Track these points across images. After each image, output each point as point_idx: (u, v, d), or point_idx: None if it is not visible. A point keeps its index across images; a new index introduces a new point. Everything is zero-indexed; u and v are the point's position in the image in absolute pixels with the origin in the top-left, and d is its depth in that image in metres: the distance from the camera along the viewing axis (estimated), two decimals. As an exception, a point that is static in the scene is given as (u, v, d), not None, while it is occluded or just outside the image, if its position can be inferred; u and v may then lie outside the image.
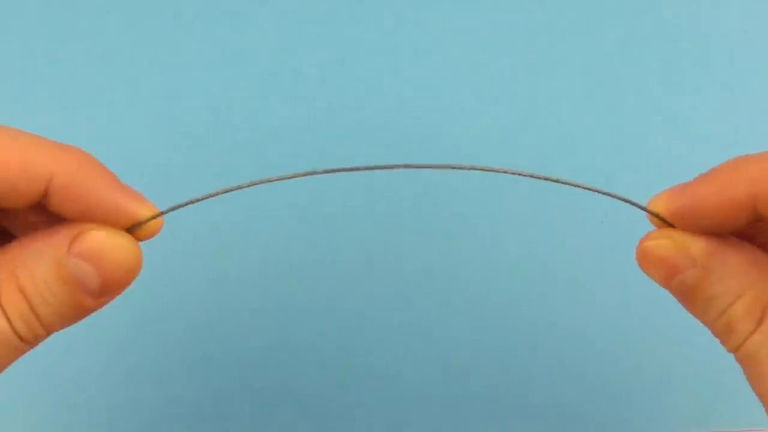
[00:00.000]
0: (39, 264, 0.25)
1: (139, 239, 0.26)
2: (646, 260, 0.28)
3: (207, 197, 0.27)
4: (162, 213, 0.27)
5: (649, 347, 0.44)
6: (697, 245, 0.27)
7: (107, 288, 0.25)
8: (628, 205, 0.29)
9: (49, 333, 0.25)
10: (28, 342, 0.25)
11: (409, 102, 0.47)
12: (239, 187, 0.27)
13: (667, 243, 0.28)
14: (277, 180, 0.27)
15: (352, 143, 0.45)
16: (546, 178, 0.27)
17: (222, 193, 0.27)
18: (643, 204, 0.29)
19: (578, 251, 0.45)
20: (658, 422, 0.43)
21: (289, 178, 0.26)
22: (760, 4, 0.47)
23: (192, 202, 0.27)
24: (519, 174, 0.27)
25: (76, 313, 0.25)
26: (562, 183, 0.27)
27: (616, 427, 0.43)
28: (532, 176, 0.27)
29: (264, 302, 0.44)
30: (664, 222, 0.28)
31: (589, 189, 0.27)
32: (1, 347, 0.24)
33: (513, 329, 0.44)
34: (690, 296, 0.27)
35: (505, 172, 0.27)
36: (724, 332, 0.26)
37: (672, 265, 0.27)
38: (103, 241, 0.25)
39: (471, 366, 0.44)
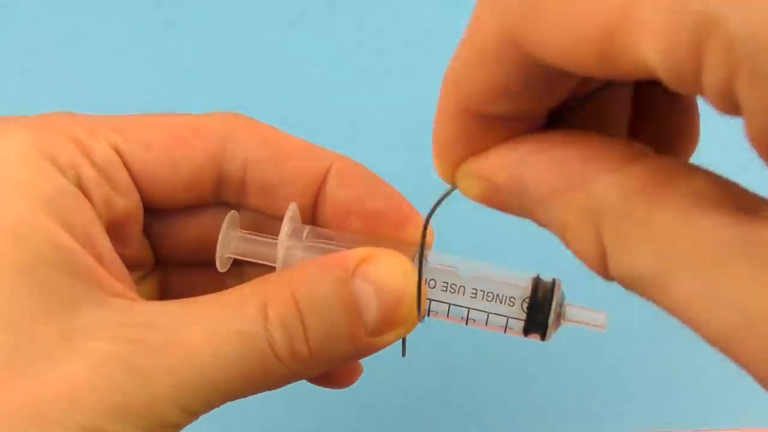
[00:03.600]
0: (321, 279, 0.22)
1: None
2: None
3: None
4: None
5: (650, 347, 0.44)
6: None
7: (383, 321, 0.23)
8: None
9: (312, 360, 0.22)
10: (283, 361, 0.21)
11: (407, 101, 0.47)
12: None
13: (467, 185, 0.21)
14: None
15: (350, 143, 0.45)
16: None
17: None
18: None
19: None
20: (659, 421, 0.43)
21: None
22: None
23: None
24: None
25: (346, 345, 0.22)
26: None
27: (616, 426, 0.43)
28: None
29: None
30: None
31: None
32: (253, 358, 0.21)
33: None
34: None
35: None
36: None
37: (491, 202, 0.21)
38: (389, 267, 0.23)
39: (471, 365, 0.44)
